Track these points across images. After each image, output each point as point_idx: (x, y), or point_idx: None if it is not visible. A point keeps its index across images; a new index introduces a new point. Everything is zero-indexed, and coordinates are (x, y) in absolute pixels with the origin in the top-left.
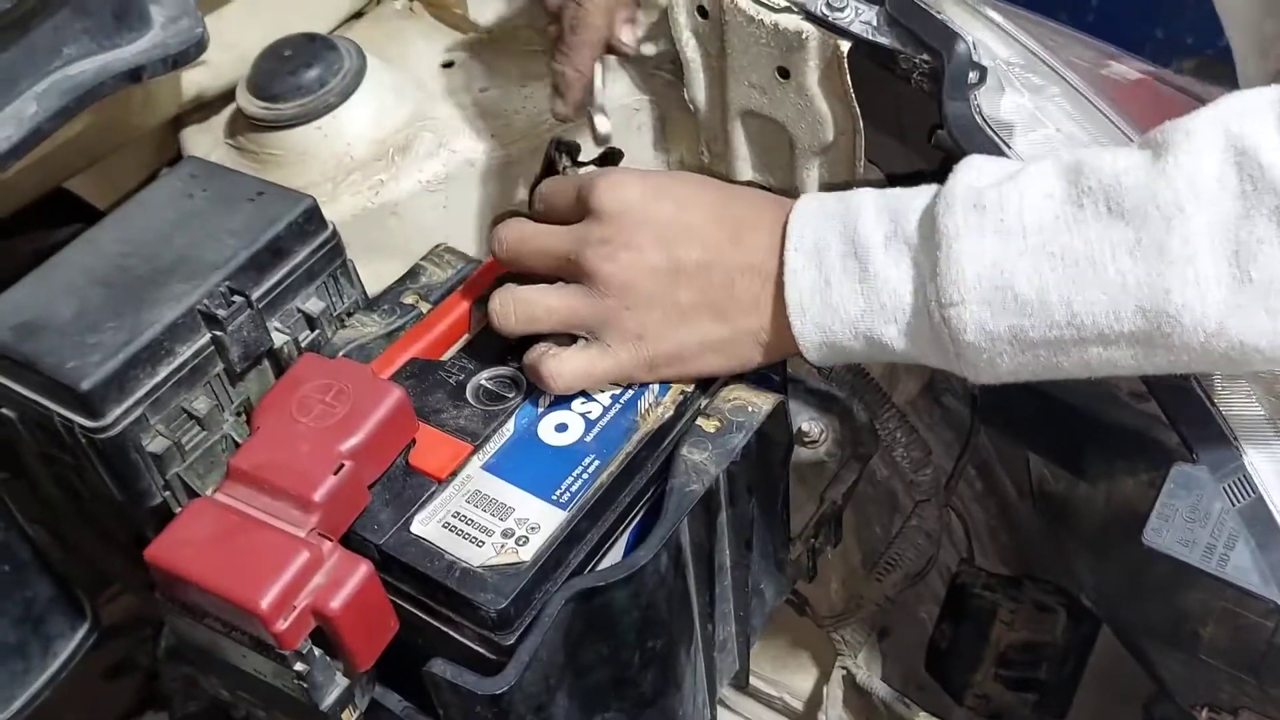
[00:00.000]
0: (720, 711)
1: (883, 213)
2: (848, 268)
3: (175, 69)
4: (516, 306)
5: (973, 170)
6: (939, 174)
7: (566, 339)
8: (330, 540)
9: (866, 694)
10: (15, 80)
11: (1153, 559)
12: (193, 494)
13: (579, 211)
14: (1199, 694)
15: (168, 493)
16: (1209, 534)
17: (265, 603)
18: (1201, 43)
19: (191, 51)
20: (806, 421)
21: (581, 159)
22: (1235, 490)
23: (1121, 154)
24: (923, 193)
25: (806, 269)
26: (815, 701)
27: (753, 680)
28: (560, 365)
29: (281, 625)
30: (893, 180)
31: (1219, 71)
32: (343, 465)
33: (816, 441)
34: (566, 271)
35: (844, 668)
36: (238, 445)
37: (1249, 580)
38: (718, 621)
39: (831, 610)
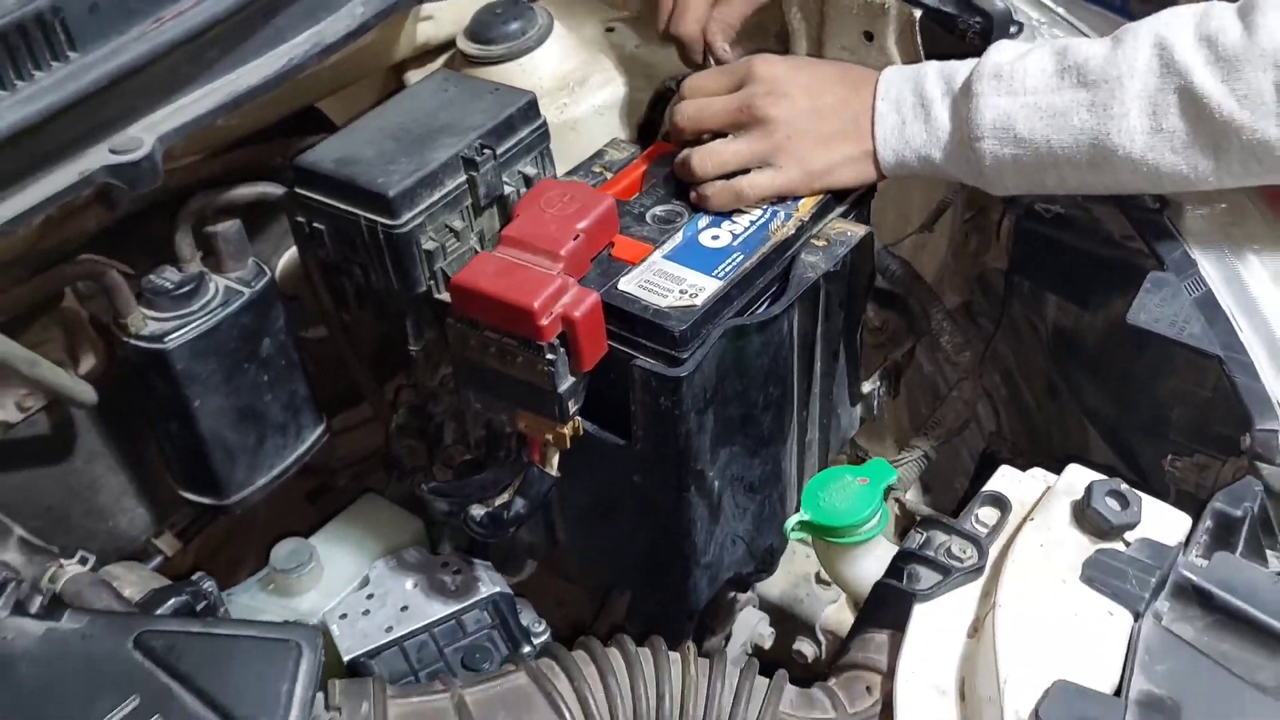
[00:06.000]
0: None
1: (940, 78)
2: (916, 114)
3: None
4: (710, 157)
5: (999, 50)
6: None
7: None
8: (573, 278)
9: (912, 515)
10: None
11: (1136, 355)
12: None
13: (734, 86)
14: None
15: (431, 282)
16: (1172, 314)
17: (536, 303)
18: None
19: None
20: (874, 313)
21: None
22: (1191, 287)
23: (1094, 43)
24: (966, 64)
25: (889, 113)
26: None
27: None
28: (753, 185)
29: (544, 321)
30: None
31: None
32: (578, 235)
33: (881, 330)
34: (738, 122)
35: (897, 499)
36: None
37: (1200, 343)
38: (809, 417)
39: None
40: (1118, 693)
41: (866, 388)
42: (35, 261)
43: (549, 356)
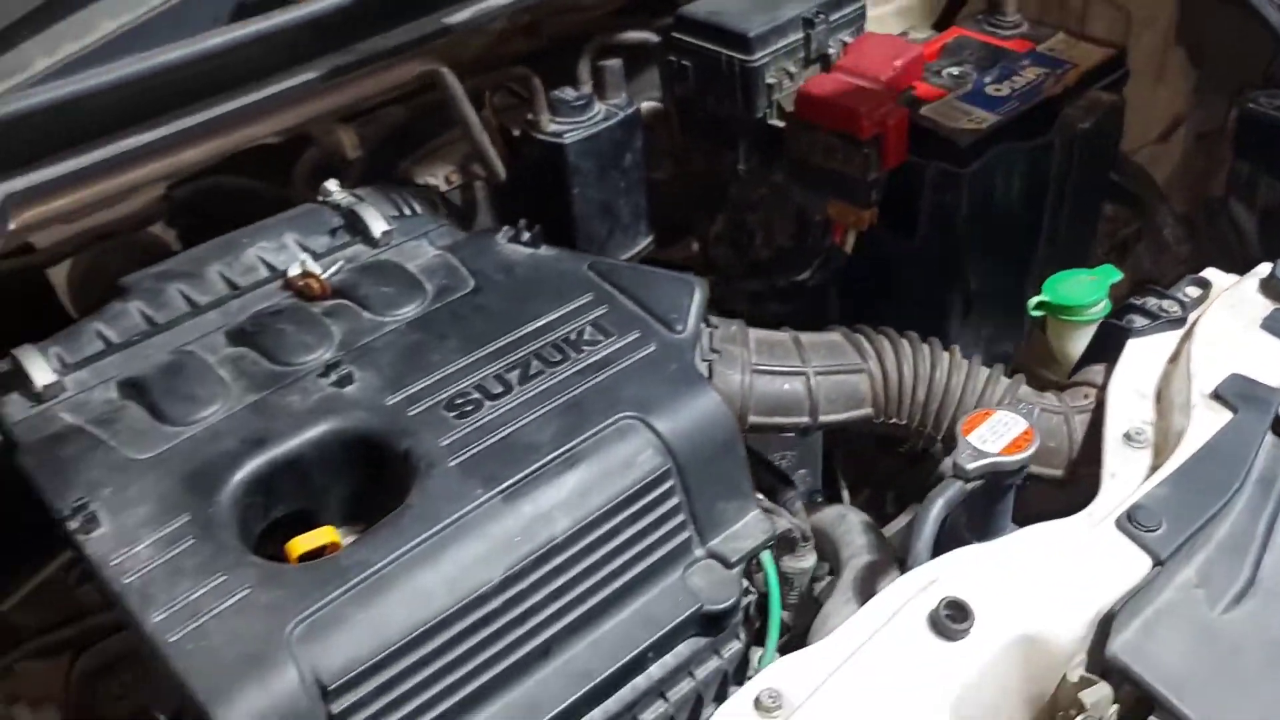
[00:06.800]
0: None
1: None
2: None
3: None
4: None
5: None
6: None
7: None
8: (890, 101)
9: None
10: None
11: None
12: (783, 112)
13: None
14: None
15: (768, 109)
16: None
17: (861, 107)
18: None
19: None
20: (1110, 207)
21: None
22: None
23: None
24: None
25: None
26: None
27: None
28: None
29: (865, 121)
30: None
31: None
32: (894, 69)
33: (1114, 220)
34: None
35: None
36: None
37: None
38: (1053, 255)
39: None
40: None
41: (1098, 251)
42: (483, 65)
43: (865, 151)
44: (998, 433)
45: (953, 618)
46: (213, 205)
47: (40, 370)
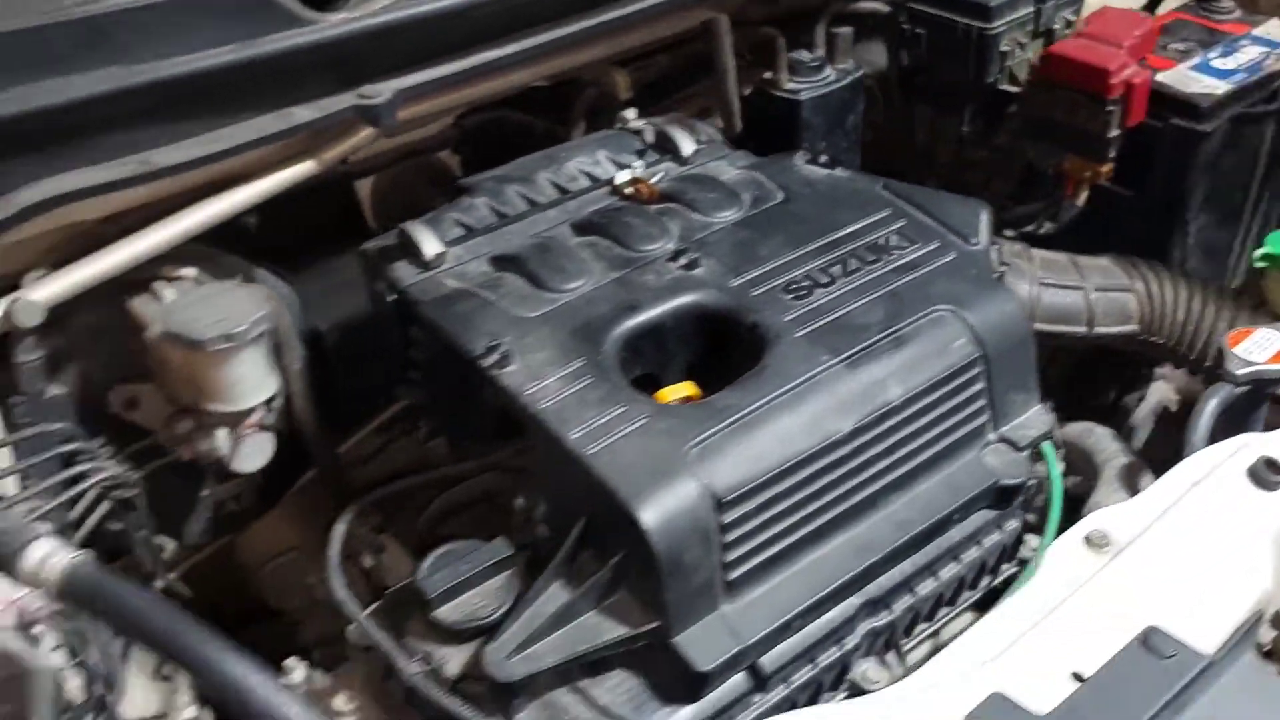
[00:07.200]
0: None
1: None
2: None
3: None
4: None
5: None
6: None
7: None
8: (1133, 61)
9: None
10: None
11: None
12: (1014, 77)
13: None
14: None
15: (999, 75)
16: None
17: (1112, 66)
18: None
19: None
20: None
21: None
22: None
23: None
24: None
25: None
26: None
27: None
28: None
29: (1114, 80)
30: None
31: None
32: (1135, 36)
33: None
34: None
35: None
36: None
37: None
38: (1256, 224)
39: None
40: None
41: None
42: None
43: (1109, 109)
44: (1261, 347)
45: (1270, 469)
46: (494, 137)
47: (429, 241)
